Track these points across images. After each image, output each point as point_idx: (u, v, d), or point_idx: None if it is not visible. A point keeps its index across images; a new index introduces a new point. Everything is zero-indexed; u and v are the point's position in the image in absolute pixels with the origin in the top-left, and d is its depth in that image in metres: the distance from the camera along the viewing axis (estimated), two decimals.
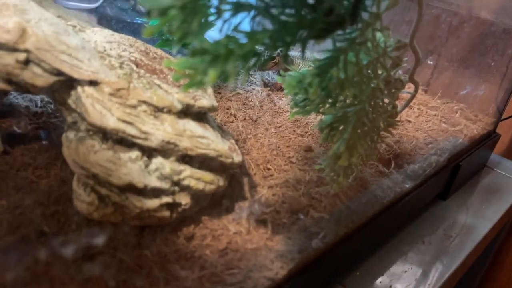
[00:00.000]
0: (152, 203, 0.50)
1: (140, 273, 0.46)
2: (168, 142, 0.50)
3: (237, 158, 0.58)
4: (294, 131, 0.77)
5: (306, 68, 0.91)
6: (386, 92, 0.57)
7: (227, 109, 0.80)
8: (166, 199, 0.51)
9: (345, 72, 0.47)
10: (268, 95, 0.90)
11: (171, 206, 0.51)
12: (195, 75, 0.36)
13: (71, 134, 0.51)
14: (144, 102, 0.51)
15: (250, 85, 0.93)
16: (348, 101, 0.55)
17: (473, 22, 0.98)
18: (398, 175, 0.72)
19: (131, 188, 0.49)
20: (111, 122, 0.48)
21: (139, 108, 0.50)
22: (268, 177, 0.65)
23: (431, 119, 0.93)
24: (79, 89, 0.49)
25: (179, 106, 0.53)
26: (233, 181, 0.62)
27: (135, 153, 0.50)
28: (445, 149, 0.81)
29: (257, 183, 0.63)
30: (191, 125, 0.54)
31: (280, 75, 0.55)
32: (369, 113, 0.55)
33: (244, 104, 0.84)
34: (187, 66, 0.36)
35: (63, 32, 0.52)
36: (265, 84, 0.95)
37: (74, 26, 0.58)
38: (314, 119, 0.81)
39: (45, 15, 0.53)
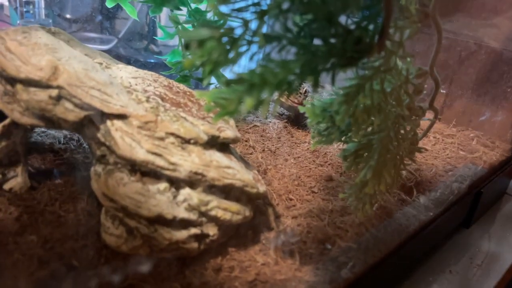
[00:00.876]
0: (181, 234, 0.50)
1: None
2: (196, 173, 0.51)
3: (262, 188, 0.58)
4: (313, 161, 0.78)
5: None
6: (408, 119, 0.58)
7: (246, 141, 0.80)
8: (195, 230, 0.51)
9: (371, 99, 0.48)
10: (285, 127, 0.91)
11: (199, 238, 0.51)
12: (229, 104, 0.37)
13: (99, 168, 0.51)
14: (172, 134, 0.52)
15: (266, 118, 0.94)
16: (371, 129, 0.55)
17: (483, 51, 1.00)
18: (421, 203, 0.71)
19: (160, 220, 0.49)
20: (140, 154, 0.49)
21: (167, 140, 0.51)
22: (291, 207, 0.65)
23: (448, 147, 0.93)
24: (109, 122, 0.50)
25: (205, 138, 0.54)
26: (257, 212, 0.62)
27: (163, 185, 0.50)
28: (466, 176, 0.80)
29: (280, 214, 0.63)
30: (217, 156, 0.54)
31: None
32: (393, 140, 0.55)
33: (262, 136, 0.85)
34: (221, 96, 0.36)
35: (92, 68, 0.54)
36: (280, 116, 0.96)
37: (101, 64, 0.59)
38: (334, 149, 0.82)
39: (74, 53, 0.55)
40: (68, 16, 1.53)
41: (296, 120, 0.95)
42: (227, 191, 0.54)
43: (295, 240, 0.57)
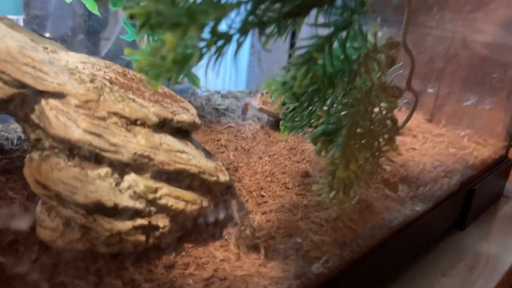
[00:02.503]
0: (124, 225, 0.43)
1: None
2: (142, 156, 0.45)
3: (223, 177, 0.52)
4: (289, 158, 0.72)
5: None
6: (382, 98, 0.52)
7: (218, 140, 0.75)
8: (141, 221, 0.44)
9: (331, 62, 0.43)
10: (262, 128, 0.85)
11: (147, 230, 0.45)
12: (156, 52, 0.32)
13: (35, 155, 0.46)
14: (115, 113, 0.46)
15: (243, 120, 0.89)
16: (339, 106, 0.50)
17: (471, 47, 0.96)
18: (407, 198, 0.65)
19: (99, 209, 0.43)
20: (76, 133, 0.43)
21: (109, 120, 0.46)
22: (262, 204, 0.59)
23: (437, 145, 0.87)
24: (43, 102, 0.45)
25: (154, 119, 0.48)
26: (221, 207, 0.55)
27: (104, 170, 0.44)
28: (456, 171, 0.74)
29: (249, 210, 0.57)
30: (168, 140, 0.49)
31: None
32: (365, 117, 0.49)
33: (235, 136, 0.79)
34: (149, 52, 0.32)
35: (30, 48, 0.49)
36: (259, 121, 0.91)
37: (46, 48, 0.54)
38: (312, 146, 0.76)
39: (11, 33, 0.50)
40: (47, 35, 1.50)
41: (277, 125, 0.89)
42: (181, 179, 0.48)
43: (261, 235, 0.51)
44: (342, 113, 0.49)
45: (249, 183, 0.63)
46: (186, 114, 0.53)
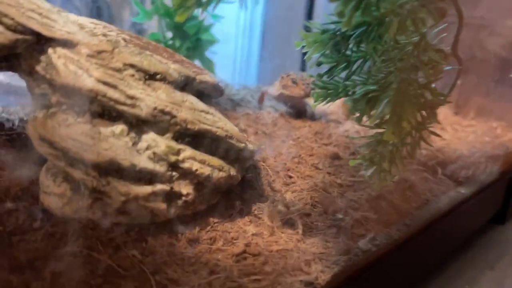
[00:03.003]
0: (143, 189, 0.37)
1: (123, 276, 0.32)
2: (163, 111, 0.39)
3: (252, 146, 0.46)
4: (316, 141, 0.66)
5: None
6: (430, 53, 0.47)
7: (236, 125, 0.69)
8: (161, 187, 0.38)
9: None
10: (282, 115, 0.79)
11: (169, 197, 0.39)
12: None
13: (40, 114, 0.40)
14: (132, 65, 0.40)
15: (260, 110, 0.83)
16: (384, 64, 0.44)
17: (501, 32, 0.90)
18: (449, 180, 0.59)
19: (113, 169, 0.37)
20: (88, 82, 0.37)
21: (125, 72, 0.40)
22: (291, 184, 0.53)
23: (470, 135, 0.81)
24: (50, 50, 0.39)
25: (175, 75, 0.43)
26: (247, 186, 0.49)
27: (119, 127, 0.38)
28: (497, 156, 0.68)
29: (277, 190, 0.51)
30: (192, 98, 0.43)
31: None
32: (414, 73, 0.44)
33: (254, 122, 0.73)
34: None
35: (39, 1, 0.43)
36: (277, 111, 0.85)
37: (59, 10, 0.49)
38: (340, 132, 0.70)
39: None
40: None
41: (297, 115, 0.83)
42: (206, 144, 0.42)
43: (296, 209, 0.45)
44: (390, 68, 0.43)
45: (275, 163, 0.57)
46: (211, 78, 0.47)
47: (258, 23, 1.10)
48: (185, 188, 0.39)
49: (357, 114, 0.48)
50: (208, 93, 0.47)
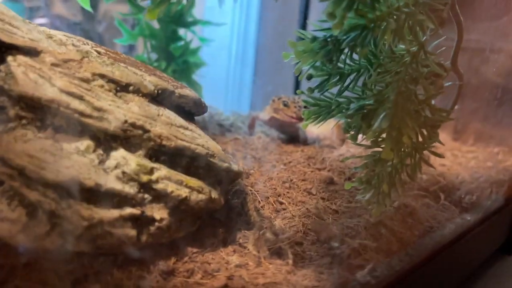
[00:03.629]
0: (109, 213, 0.32)
1: None
2: (134, 125, 0.35)
3: (235, 167, 0.42)
4: (309, 165, 0.61)
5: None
6: (430, 63, 0.43)
7: (223, 150, 0.64)
8: (131, 211, 0.33)
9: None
10: (273, 140, 0.75)
11: (139, 222, 0.34)
12: None
13: None
14: (102, 76, 0.36)
15: (251, 135, 0.79)
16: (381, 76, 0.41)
17: (497, 56, 0.88)
18: (453, 207, 0.54)
19: (75, 190, 0.32)
20: (49, 92, 0.33)
21: (94, 83, 0.36)
22: (282, 211, 0.48)
23: (470, 160, 0.77)
24: (10, 58, 0.35)
25: (150, 87, 0.39)
26: (233, 213, 0.44)
27: (85, 143, 0.34)
28: (501, 181, 0.64)
29: (267, 216, 0.46)
30: (169, 113, 0.39)
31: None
32: (412, 94, 0.40)
33: (243, 146, 0.69)
34: None
35: (3, 8, 0.40)
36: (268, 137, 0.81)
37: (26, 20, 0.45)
38: (334, 157, 0.66)
39: None
40: None
41: (289, 141, 0.79)
42: (184, 163, 0.38)
43: (286, 237, 0.40)
44: (387, 80, 0.39)
45: (264, 188, 0.52)
46: (191, 92, 0.43)
47: (250, 49, 1.08)
48: (159, 213, 0.35)
49: (352, 132, 0.44)
50: (189, 109, 0.43)
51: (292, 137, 0.78)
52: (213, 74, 0.93)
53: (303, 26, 1.05)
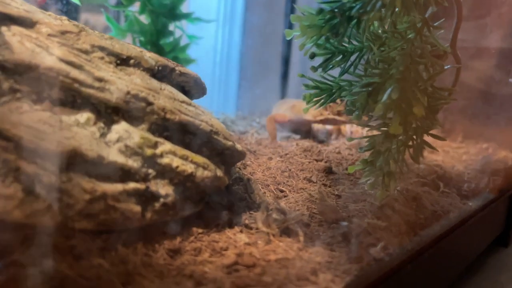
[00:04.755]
0: (112, 187, 0.31)
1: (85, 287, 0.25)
2: (137, 97, 0.33)
3: (239, 147, 0.40)
4: (306, 156, 0.60)
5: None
6: (433, 38, 0.43)
7: None
8: (135, 185, 0.32)
9: None
10: (267, 138, 0.74)
11: (144, 198, 0.32)
12: None
13: None
14: (102, 48, 0.35)
15: (244, 134, 0.78)
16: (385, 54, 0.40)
17: (484, 53, 0.89)
18: (453, 193, 0.54)
19: (76, 162, 0.30)
20: (47, 60, 0.31)
21: (94, 54, 0.34)
22: (283, 198, 0.47)
23: (462, 155, 0.77)
24: (3, 28, 0.33)
25: (151, 62, 0.37)
26: (234, 196, 0.43)
27: (85, 115, 0.32)
28: (498, 171, 0.64)
29: (269, 203, 0.44)
30: (171, 88, 0.37)
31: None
32: (418, 65, 0.39)
33: (237, 142, 0.68)
34: None
35: None
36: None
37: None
38: (330, 148, 0.65)
39: None
40: None
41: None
42: (188, 139, 0.36)
43: (293, 217, 0.38)
44: (392, 55, 0.39)
45: (263, 177, 0.51)
46: (191, 71, 0.42)
47: (235, 51, 1.07)
48: (164, 189, 0.33)
49: (356, 112, 0.43)
50: (189, 89, 0.42)
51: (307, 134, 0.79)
52: (198, 73, 0.92)
53: (290, 26, 1.05)
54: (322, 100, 0.47)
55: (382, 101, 0.37)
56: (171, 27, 0.74)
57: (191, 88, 0.42)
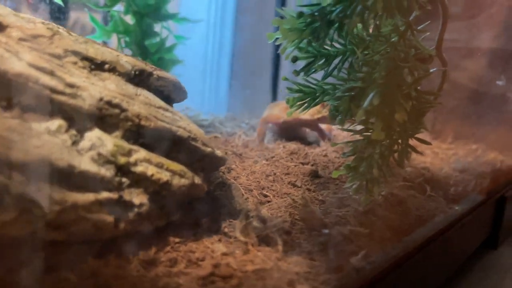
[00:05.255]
0: (84, 197, 0.30)
1: None
2: (110, 104, 0.32)
3: (219, 153, 0.40)
4: (292, 160, 0.59)
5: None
6: (417, 43, 0.42)
7: None
8: (107, 195, 0.31)
9: None
10: (254, 140, 0.73)
11: (117, 208, 0.31)
12: None
13: None
14: (75, 53, 0.34)
15: (231, 135, 0.77)
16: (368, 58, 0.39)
17: (475, 53, 0.89)
18: (440, 197, 0.53)
19: (46, 172, 0.29)
20: (16, 65, 0.30)
21: (66, 59, 0.33)
22: (266, 203, 0.46)
23: (452, 156, 0.77)
24: None
25: (127, 66, 0.36)
26: (215, 202, 0.42)
27: (56, 122, 0.31)
28: (485, 173, 0.64)
29: (251, 208, 0.44)
30: (147, 93, 0.37)
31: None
32: (401, 69, 0.39)
33: (223, 144, 0.67)
34: None
35: None
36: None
37: None
38: (317, 151, 0.64)
39: None
40: None
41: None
42: (165, 146, 0.35)
43: (273, 224, 0.38)
44: (375, 59, 0.38)
45: (247, 182, 0.50)
46: (169, 75, 0.41)
47: (226, 51, 1.06)
48: (138, 198, 0.32)
49: (339, 117, 0.42)
50: (168, 94, 0.41)
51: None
52: (188, 75, 0.92)
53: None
54: (306, 104, 0.46)
55: (364, 107, 0.36)
56: (158, 27, 0.73)
57: (170, 92, 0.41)
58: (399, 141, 0.44)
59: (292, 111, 0.47)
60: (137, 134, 0.34)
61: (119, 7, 0.70)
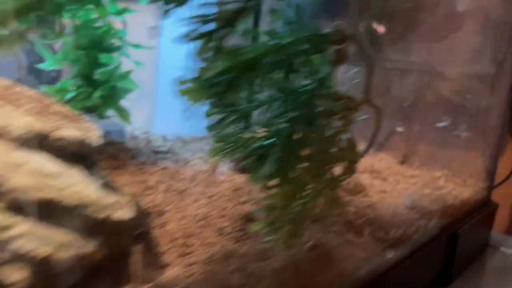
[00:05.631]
0: None
1: None
2: None
3: (123, 215, 0.39)
4: (233, 199, 0.58)
5: None
6: (332, 105, 0.41)
7: (144, 181, 0.61)
8: None
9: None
10: (207, 170, 0.72)
11: None
12: None
13: None
14: None
15: (186, 163, 0.76)
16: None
17: (440, 80, 0.87)
18: (376, 242, 0.52)
19: None
20: None
21: None
22: (187, 255, 0.45)
23: (410, 187, 0.75)
24: None
25: (18, 131, 0.35)
26: (123, 263, 0.41)
27: None
28: (434, 211, 0.62)
29: (166, 263, 0.43)
30: (39, 160, 0.36)
31: None
32: (307, 126, 0.37)
33: (171, 177, 0.66)
34: None
35: None
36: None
37: None
38: None
39: None
40: None
41: None
42: (56, 215, 0.34)
43: None
44: (278, 120, 0.37)
45: (175, 229, 0.49)
46: (76, 130, 0.40)
47: None
48: (16, 273, 0.31)
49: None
50: (74, 151, 0.40)
51: None
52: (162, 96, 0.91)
53: None
54: (228, 153, 0.45)
55: (260, 173, 0.35)
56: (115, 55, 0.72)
57: (76, 149, 0.40)
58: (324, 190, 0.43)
59: (216, 160, 0.46)
60: (22, 205, 0.33)
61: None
